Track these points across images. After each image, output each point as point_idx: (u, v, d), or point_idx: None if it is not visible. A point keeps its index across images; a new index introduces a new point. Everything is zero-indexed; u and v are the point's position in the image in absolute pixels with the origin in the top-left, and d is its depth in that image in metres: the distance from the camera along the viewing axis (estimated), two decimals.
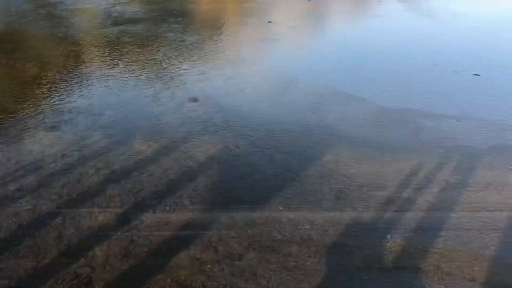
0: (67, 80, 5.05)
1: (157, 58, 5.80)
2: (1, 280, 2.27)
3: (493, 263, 2.40)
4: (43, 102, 4.44)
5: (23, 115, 4.13)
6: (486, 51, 6.17)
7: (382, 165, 3.31)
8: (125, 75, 5.18)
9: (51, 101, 4.47)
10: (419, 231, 2.63)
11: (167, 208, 2.84)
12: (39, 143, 3.64)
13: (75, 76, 5.18)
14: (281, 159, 3.39)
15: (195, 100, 4.48)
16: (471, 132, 3.83)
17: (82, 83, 4.95)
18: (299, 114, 4.16)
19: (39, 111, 4.24)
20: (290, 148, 3.55)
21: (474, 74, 5.18)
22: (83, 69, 5.43)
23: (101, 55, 5.97)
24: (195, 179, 3.15)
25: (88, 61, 5.75)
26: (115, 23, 7.72)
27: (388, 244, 2.53)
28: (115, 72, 5.29)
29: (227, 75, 5.19)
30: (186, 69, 5.37)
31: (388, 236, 2.60)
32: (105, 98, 4.55)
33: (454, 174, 3.22)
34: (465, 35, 7.12)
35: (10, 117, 4.09)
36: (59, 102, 4.45)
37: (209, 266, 2.37)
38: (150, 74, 5.25)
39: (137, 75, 5.21)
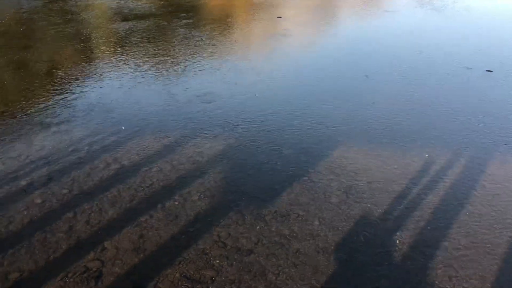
0: (78, 76, 5.08)
1: (168, 54, 5.81)
2: (12, 273, 2.30)
3: (505, 261, 2.37)
4: (54, 98, 4.48)
5: (35, 111, 4.17)
6: (500, 47, 6.08)
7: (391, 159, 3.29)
8: (136, 71, 5.20)
9: (62, 96, 4.51)
10: (428, 228, 2.61)
11: (176, 203, 2.85)
12: (50, 138, 3.67)
13: (86, 72, 5.21)
14: (291, 155, 3.38)
15: (205, 95, 4.48)
16: (483, 127, 3.78)
17: (93, 79, 4.98)
18: (309, 111, 4.14)
19: (50, 106, 4.28)
20: (299, 144, 3.54)
21: (487, 70, 5.11)
22: (94, 65, 5.46)
23: (112, 51, 6.01)
24: (204, 174, 3.16)
25: (99, 57, 5.78)
26: (126, 19, 7.75)
27: (398, 241, 2.51)
28: (126, 68, 5.31)
29: (238, 70, 5.18)
30: (197, 65, 5.37)
31: (398, 232, 2.58)
32: (116, 93, 4.57)
33: (465, 170, 3.18)
34: (478, 31, 7.02)
35: (22, 113, 4.14)
36: (70, 97, 4.48)
37: (217, 261, 2.37)
38: (161, 70, 5.27)
39: (148, 71, 5.23)
